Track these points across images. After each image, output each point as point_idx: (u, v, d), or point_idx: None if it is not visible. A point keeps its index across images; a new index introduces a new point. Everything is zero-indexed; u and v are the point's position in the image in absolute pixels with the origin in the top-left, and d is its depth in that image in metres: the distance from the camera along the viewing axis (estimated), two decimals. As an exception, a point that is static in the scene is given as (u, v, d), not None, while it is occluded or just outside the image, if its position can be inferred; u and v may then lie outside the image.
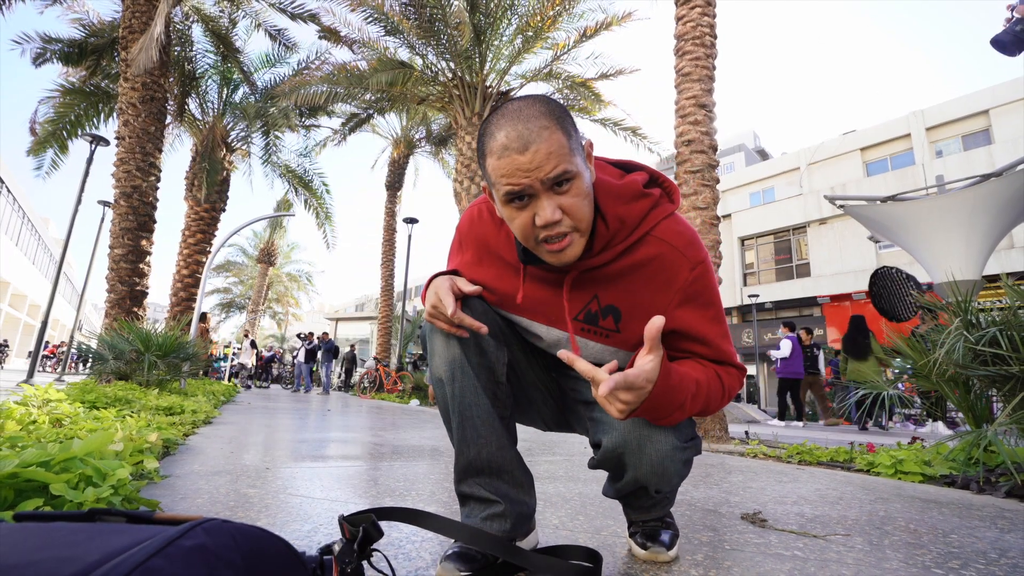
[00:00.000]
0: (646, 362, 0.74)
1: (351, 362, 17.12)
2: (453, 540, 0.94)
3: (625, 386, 0.72)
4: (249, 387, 14.18)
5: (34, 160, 10.79)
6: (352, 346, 17.91)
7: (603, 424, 0.93)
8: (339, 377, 18.00)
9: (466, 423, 0.92)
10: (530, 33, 9.59)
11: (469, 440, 0.92)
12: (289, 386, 16.09)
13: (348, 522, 0.71)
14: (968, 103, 16.78)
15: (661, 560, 1.02)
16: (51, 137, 10.55)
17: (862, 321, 7.56)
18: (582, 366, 0.72)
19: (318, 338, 13.91)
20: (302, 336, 14.24)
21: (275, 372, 18.83)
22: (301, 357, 13.82)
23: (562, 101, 11.24)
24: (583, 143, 0.80)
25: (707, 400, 0.85)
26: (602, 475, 2.16)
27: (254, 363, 15.44)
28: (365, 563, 0.70)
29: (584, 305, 0.89)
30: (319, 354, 13.63)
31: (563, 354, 0.72)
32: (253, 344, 15.28)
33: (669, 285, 0.86)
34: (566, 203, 0.76)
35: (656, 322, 0.72)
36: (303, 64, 11.81)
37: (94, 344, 5.74)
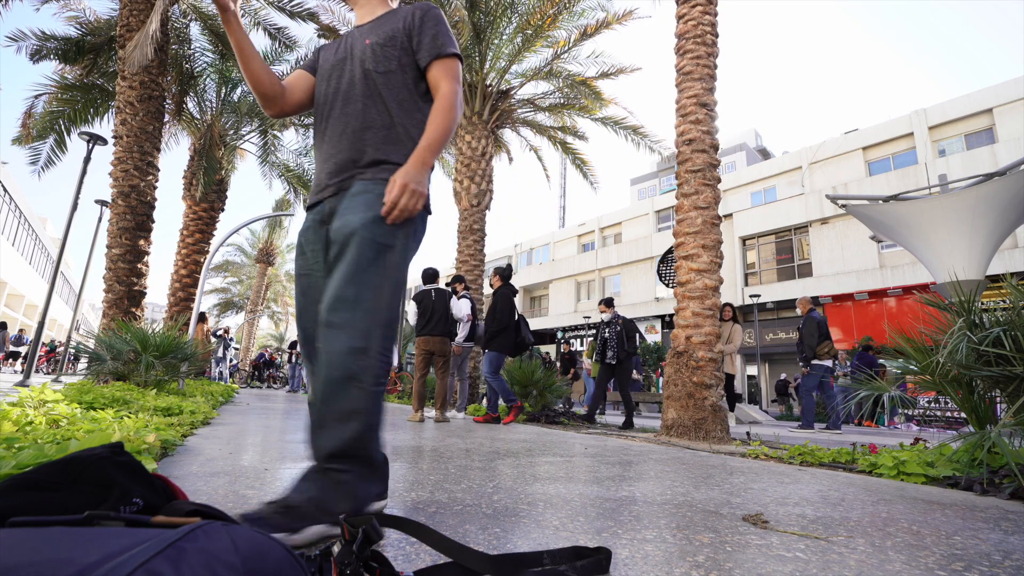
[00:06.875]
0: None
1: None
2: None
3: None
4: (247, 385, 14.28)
5: (29, 155, 10.72)
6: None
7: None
8: None
9: None
10: (530, 31, 9.57)
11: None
12: (282, 387, 16.41)
13: (348, 523, 0.71)
14: (971, 102, 16.71)
15: None
16: (45, 131, 10.45)
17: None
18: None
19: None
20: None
21: (273, 372, 18.85)
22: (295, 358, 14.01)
23: (563, 100, 11.23)
24: None
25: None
26: (602, 476, 2.15)
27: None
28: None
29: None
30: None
31: None
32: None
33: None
34: None
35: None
36: (301, 62, 11.79)
37: (91, 344, 5.73)
